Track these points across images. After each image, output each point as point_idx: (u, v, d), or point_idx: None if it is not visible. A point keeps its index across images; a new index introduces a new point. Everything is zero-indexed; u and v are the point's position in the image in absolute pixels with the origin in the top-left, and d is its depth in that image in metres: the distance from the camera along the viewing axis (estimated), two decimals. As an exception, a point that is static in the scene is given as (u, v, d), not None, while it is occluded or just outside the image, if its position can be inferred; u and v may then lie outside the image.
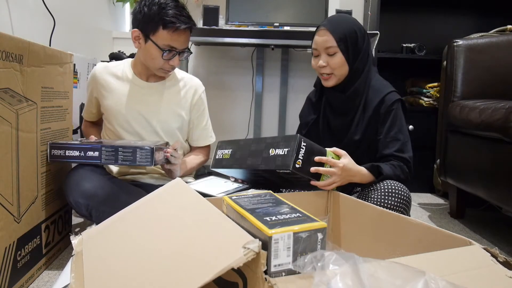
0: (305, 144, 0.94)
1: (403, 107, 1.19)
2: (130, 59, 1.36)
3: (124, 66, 1.32)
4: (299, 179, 0.99)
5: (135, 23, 1.20)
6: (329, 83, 1.20)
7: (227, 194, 1.12)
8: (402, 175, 1.13)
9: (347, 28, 1.15)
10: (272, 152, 0.98)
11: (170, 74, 1.31)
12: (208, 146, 1.48)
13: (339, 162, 1.00)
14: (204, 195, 1.11)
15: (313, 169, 0.96)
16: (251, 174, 1.09)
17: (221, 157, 1.16)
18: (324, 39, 1.15)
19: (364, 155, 1.18)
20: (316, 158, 0.97)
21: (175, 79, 1.36)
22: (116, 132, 1.30)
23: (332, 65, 1.16)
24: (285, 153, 0.94)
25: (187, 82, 1.38)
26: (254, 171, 1.04)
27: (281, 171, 0.94)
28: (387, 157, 1.16)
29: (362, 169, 1.07)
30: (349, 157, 1.04)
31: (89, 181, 1.07)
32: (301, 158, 0.93)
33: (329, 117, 1.27)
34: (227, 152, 1.13)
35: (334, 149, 1.04)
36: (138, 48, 1.24)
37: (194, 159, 1.40)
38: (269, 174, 1.02)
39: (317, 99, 1.32)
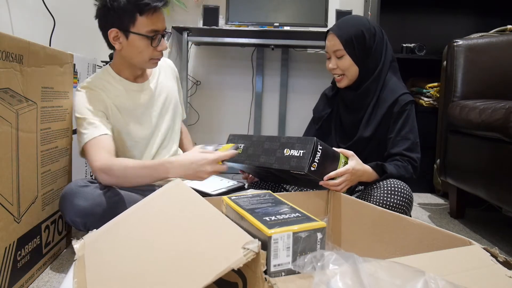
0: (321, 147, 0.96)
1: (416, 109, 1.22)
2: (106, 68, 1.25)
3: (108, 76, 1.23)
4: (311, 179, 1.00)
5: (108, 23, 1.12)
6: (341, 84, 1.24)
7: (223, 192, 1.13)
8: (406, 174, 1.15)
9: (354, 30, 1.18)
10: (286, 152, 0.99)
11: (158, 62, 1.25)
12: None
13: (347, 168, 1.02)
14: (200, 192, 1.13)
15: (325, 178, 0.98)
16: (262, 170, 1.10)
17: None
18: (331, 43, 1.20)
19: (373, 153, 1.20)
20: (325, 178, 0.98)
21: (153, 69, 1.34)
22: (131, 137, 1.24)
23: (341, 67, 1.21)
24: (301, 155, 0.95)
25: (160, 65, 1.33)
26: (266, 168, 1.05)
27: (295, 172, 0.95)
28: (395, 155, 1.18)
29: (368, 168, 1.09)
30: (356, 157, 1.06)
31: (83, 199, 1.00)
32: (317, 161, 0.94)
33: (342, 113, 1.30)
34: (239, 147, 1.14)
35: (342, 150, 1.05)
36: (119, 49, 1.15)
37: (188, 137, 1.51)
38: (280, 173, 1.03)
39: (333, 94, 1.35)
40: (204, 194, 1.12)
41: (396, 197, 1.05)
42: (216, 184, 1.21)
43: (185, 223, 0.63)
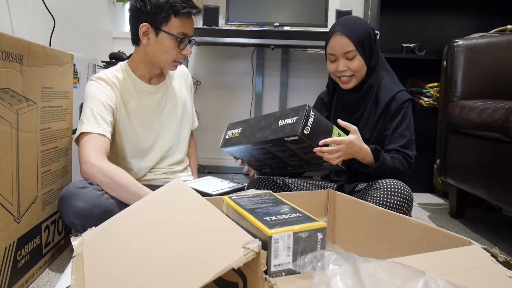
0: (313, 113, 0.97)
1: (413, 107, 1.22)
2: (123, 64, 1.26)
3: (123, 72, 1.23)
4: (307, 151, 1.00)
5: (141, 18, 1.15)
6: (349, 85, 1.22)
7: (223, 193, 1.14)
8: (401, 168, 1.15)
9: (362, 30, 1.18)
10: (281, 123, 1.00)
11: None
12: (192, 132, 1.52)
13: (345, 138, 1.03)
14: (201, 193, 1.13)
15: (321, 142, 0.99)
16: (259, 150, 1.11)
17: (230, 136, 1.17)
18: (342, 44, 1.17)
19: None
20: (321, 142, 0.99)
21: (168, 74, 1.34)
22: (137, 138, 1.25)
23: (353, 68, 1.19)
24: (294, 121, 0.96)
25: (175, 71, 1.36)
26: (262, 144, 1.05)
27: (289, 138, 0.95)
28: (391, 151, 1.18)
29: (367, 148, 1.10)
30: (358, 133, 1.07)
31: (82, 200, 0.99)
32: (310, 125, 0.95)
33: (340, 115, 1.30)
34: (237, 131, 1.15)
35: (346, 124, 1.06)
36: (146, 44, 1.17)
37: (195, 163, 1.48)
38: (277, 146, 1.03)
39: (329, 99, 1.35)
40: (204, 194, 1.12)
41: (396, 197, 1.05)
42: (216, 185, 1.21)
43: (185, 222, 0.63)
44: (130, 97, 1.23)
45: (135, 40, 1.21)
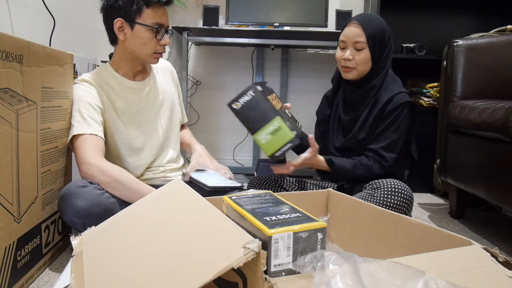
0: (255, 94, 0.97)
1: (412, 109, 1.22)
2: (104, 65, 1.27)
3: (106, 72, 1.24)
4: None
5: (115, 14, 1.15)
6: (348, 75, 1.22)
7: (219, 187, 1.14)
8: (366, 174, 1.18)
9: (378, 26, 1.18)
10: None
11: (160, 59, 1.27)
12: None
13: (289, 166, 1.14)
14: (198, 182, 1.13)
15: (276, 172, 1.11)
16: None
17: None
18: (355, 32, 1.17)
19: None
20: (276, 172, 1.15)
21: (152, 70, 1.35)
22: (128, 137, 1.25)
23: (358, 60, 1.19)
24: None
25: (159, 67, 1.37)
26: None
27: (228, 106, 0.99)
28: (370, 151, 1.20)
29: (319, 161, 1.18)
30: (316, 155, 1.17)
31: (82, 199, 0.99)
32: (242, 103, 0.97)
33: (341, 112, 1.29)
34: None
35: (313, 142, 1.14)
36: (123, 40, 1.18)
37: (188, 132, 1.54)
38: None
39: (332, 94, 1.34)
40: (200, 184, 1.12)
41: (396, 197, 1.05)
42: (217, 179, 1.21)
43: (185, 222, 0.63)
44: (116, 96, 1.23)
45: (113, 39, 1.22)
